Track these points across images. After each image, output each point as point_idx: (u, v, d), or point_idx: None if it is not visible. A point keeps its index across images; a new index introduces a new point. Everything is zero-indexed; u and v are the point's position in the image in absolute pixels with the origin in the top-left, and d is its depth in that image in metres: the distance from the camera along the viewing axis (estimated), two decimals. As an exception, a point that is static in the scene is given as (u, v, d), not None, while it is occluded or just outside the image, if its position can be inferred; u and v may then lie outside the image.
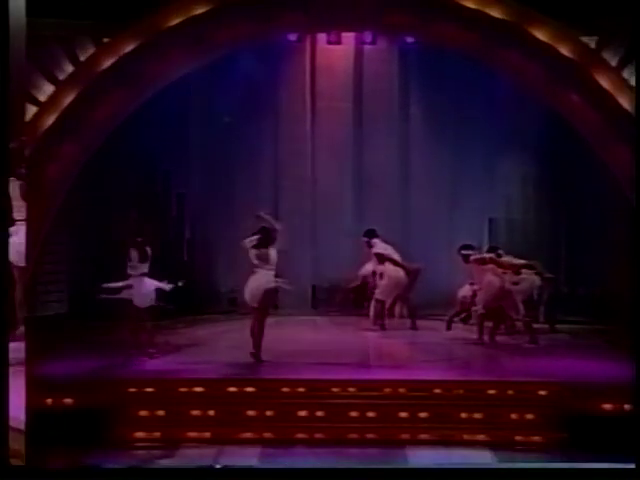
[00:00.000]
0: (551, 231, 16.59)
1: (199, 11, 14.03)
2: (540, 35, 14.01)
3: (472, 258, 14.38)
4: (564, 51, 14.03)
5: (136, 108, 14.63)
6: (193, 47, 14.43)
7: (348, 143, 17.31)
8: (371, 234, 15.47)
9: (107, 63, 14.03)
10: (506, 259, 14.39)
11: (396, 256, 15.27)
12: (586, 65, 14.00)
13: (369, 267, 15.56)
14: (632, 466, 8.56)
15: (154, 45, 14.08)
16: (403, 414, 11.22)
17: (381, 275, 15.26)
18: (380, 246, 15.36)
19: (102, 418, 11.00)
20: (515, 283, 14.15)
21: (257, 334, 12.66)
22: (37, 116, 13.64)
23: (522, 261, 14.52)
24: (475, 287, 14.56)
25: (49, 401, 11.05)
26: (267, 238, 12.60)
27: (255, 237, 12.63)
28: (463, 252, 14.61)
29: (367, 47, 17.07)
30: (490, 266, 14.11)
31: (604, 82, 13.94)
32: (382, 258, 15.25)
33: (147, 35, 14.03)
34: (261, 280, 12.64)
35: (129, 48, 14.01)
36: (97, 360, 12.44)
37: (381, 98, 17.18)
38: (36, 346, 10.36)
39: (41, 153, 13.48)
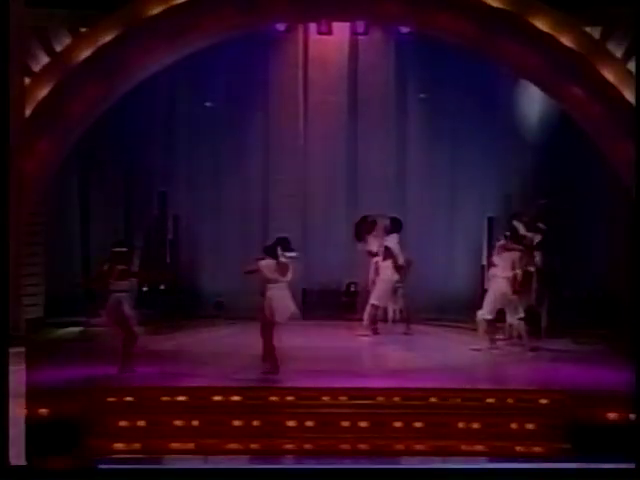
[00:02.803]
0: (553, 230, 16.11)
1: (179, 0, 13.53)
2: (541, 25, 13.62)
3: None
4: (565, 41, 13.68)
5: (115, 102, 14.10)
6: (174, 38, 13.88)
7: (342, 138, 16.88)
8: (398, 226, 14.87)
9: (84, 54, 13.50)
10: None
11: (400, 259, 14.76)
12: (589, 56, 13.64)
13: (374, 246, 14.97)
14: (632, 466, 8.47)
15: (134, 36, 13.58)
16: (397, 423, 10.82)
17: (376, 276, 14.76)
18: (393, 241, 14.79)
19: (79, 428, 10.57)
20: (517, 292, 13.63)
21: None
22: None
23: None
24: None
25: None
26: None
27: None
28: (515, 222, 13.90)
29: (361, 38, 16.70)
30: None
31: (608, 74, 13.57)
32: (389, 254, 14.69)
33: (126, 25, 13.54)
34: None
35: (108, 38, 13.49)
36: (75, 368, 12.12)
37: (376, 91, 16.78)
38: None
39: (17, 148, 12.91)
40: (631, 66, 13.54)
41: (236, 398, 11.13)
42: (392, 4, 13.99)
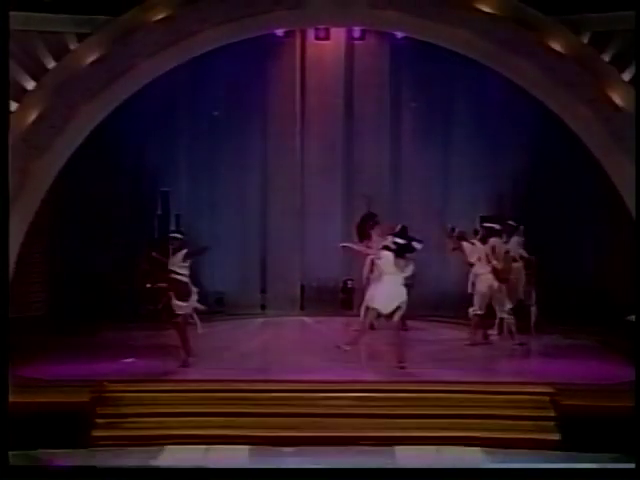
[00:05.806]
0: (545, 229, 16.33)
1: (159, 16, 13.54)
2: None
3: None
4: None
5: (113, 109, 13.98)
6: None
7: (338, 140, 17.04)
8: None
9: (77, 67, 13.44)
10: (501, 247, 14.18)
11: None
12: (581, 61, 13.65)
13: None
14: (632, 466, 8.48)
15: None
16: (394, 414, 11.03)
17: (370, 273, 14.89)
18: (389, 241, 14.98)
19: (83, 420, 10.79)
20: (503, 280, 13.92)
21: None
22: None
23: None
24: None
25: (29, 403, 10.77)
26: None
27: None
28: (485, 225, 14.25)
29: (357, 43, 16.79)
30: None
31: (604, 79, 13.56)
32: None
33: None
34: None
35: (99, 52, 13.48)
36: (77, 362, 12.40)
37: (372, 94, 16.93)
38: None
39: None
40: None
41: (237, 390, 11.36)
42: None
